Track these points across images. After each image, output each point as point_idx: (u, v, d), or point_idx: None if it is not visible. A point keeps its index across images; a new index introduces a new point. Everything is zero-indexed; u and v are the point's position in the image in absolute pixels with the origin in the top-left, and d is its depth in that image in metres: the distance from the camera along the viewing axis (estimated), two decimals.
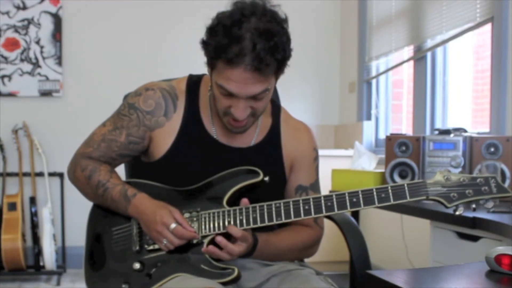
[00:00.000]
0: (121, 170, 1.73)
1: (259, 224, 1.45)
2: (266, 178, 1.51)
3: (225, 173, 1.53)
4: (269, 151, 1.62)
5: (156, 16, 4.50)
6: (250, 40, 1.37)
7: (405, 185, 1.40)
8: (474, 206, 1.40)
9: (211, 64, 1.46)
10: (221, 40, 1.39)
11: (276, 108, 1.68)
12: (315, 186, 1.67)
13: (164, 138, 1.58)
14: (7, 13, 4.30)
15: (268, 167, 1.54)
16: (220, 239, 1.44)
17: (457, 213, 1.38)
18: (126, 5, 4.46)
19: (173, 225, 1.46)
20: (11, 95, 4.31)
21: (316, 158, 1.69)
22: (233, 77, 1.40)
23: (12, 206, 4.02)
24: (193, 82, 1.63)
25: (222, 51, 1.39)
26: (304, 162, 1.66)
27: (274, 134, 1.64)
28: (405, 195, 1.39)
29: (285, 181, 1.64)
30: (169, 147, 1.57)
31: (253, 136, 1.62)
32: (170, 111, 1.58)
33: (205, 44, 1.45)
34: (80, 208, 2.00)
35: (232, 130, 1.54)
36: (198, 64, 1.72)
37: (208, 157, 1.57)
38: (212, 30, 1.43)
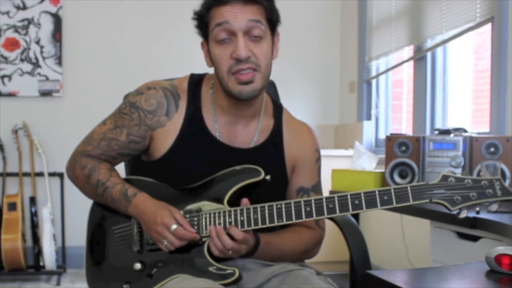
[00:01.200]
0: (121, 169, 1.73)
1: (260, 225, 1.45)
2: (268, 177, 1.50)
3: (226, 171, 1.53)
4: (271, 152, 1.62)
5: (156, 17, 4.50)
6: None
7: (408, 187, 1.38)
8: (477, 209, 1.39)
9: (206, 24, 1.51)
10: None
11: (278, 108, 1.68)
12: (316, 188, 1.66)
13: (165, 138, 1.58)
14: (7, 13, 4.31)
15: (270, 167, 1.53)
16: (219, 228, 1.44)
17: (461, 216, 1.36)
18: (126, 5, 4.46)
19: (173, 226, 1.46)
20: (11, 95, 4.31)
21: (318, 160, 1.68)
22: (226, 12, 1.47)
23: (12, 206, 4.02)
24: (195, 81, 1.62)
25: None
26: (306, 163, 1.65)
27: (276, 135, 1.64)
28: (408, 198, 1.38)
29: (286, 182, 1.64)
30: (170, 146, 1.57)
31: (255, 137, 1.61)
32: (171, 110, 1.58)
33: (197, 10, 1.53)
34: (80, 208, 2.00)
35: (241, 93, 1.50)
36: (199, 64, 1.72)
37: (209, 157, 1.57)
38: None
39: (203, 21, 1.52)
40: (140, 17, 4.49)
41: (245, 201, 1.47)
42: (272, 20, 1.53)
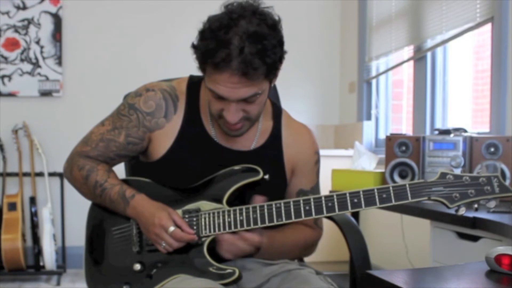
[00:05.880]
0: (120, 169, 1.73)
1: (259, 225, 1.45)
2: (266, 176, 1.50)
3: (225, 171, 1.53)
4: (270, 154, 1.61)
5: (156, 17, 4.50)
6: (237, 44, 1.35)
7: (407, 185, 1.38)
8: (476, 206, 1.39)
9: (202, 69, 1.45)
10: (208, 45, 1.38)
11: (277, 111, 1.67)
12: (315, 190, 1.67)
13: (164, 139, 1.57)
14: (7, 13, 4.30)
15: (269, 169, 1.53)
16: (227, 237, 1.45)
17: (459, 213, 1.37)
18: (126, 5, 4.46)
19: (171, 228, 1.46)
20: (11, 95, 4.31)
21: (317, 162, 1.68)
22: (221, 81, 1.39)
23: (12, 206, 4.02)
24: (194, 83, 1.62)
25: (209, 55, 1.38)
26: (306, 166, 1.65)
27: (275, 138, 1.63)
28: (406, 196, 1.38)
29: (285, 184, 1.63)
30: (168, 148, 1.57)
31: (254, 139, 1.61)
32: (170, 112, 1.58)
33: (194, 48, 1.44)
34: (80, 208, 2.00)
35: (229, 133, 1.53)
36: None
37: (208, 159, 1.56)
38: (201, 34, 1.42)
39: (198, 63, 1.46)
40: (141, 17, 4.49)
41: (259, 198, 1.46)
42: (274, 72, 1.44)
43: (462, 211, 1.37)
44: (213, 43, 1.37)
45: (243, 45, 1.35)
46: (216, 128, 1.58)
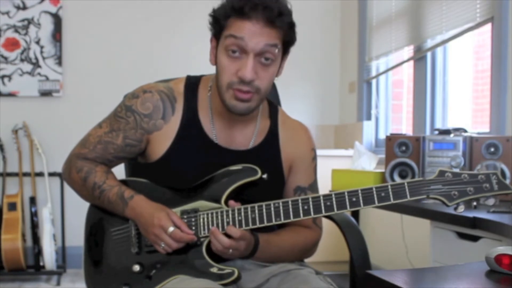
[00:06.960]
0: (120, 169, 1.72)
1: (258, 225, 1.45)
2: (264, 176, 1.50)
3: (223, 171, 1.52)
4: (268, 153, 1.61)
5: (156, 17, 4.50)
6: (261, 1, 1.43)
7: (405, 183, 1.38)
8: (475, 203, 1.39)
9: (221, 27, 1.47)
10: (235, 1, 1.44)
11: (273, 109, 1.68)
12: (313, 187, 1.66)
13: (162, 141, 1.57)
14: (7, 13, 4.30)
15: (267, 168, 1.53)
16: (213, 229, 1.44)
17: (458, 211, 1.37)
18: (126, 5, 4.46)
19: (171, 229, 1.45)
20: (11, 95, 4.31)
21: (314, 158, 1.68)
22: (245, 28, 1.43)
23: (12, 206, 4.02)
24: (191, 84, 1.61)
25: (237, 6, 1.43)
26: (303, 162, 1.65)
27: (272, 136, 1.63)
28: (405, 194, 1.38)
29: (283, 182, 1.64)
30: (167, 149, 1.56)
31: (252, 138, 1.61)
32: (168, 113, 1.57)
33: (217, 10, 1.48)
34: (80, 208, 2.00)
35: (236, 108, 1.49)
36: (197, 65, 1.72)
37: (207, 159, 1.56)
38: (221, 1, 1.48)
39: (218, 24, 1.48)
40: (140, 17, 4.49)
41: (232, 203, 1.48)
42: (288, 42, 1.51)
43: (461, 209, 1.36)
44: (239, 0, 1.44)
45: (267, 2, 1.43)
46: (215, 128, 1.58)
